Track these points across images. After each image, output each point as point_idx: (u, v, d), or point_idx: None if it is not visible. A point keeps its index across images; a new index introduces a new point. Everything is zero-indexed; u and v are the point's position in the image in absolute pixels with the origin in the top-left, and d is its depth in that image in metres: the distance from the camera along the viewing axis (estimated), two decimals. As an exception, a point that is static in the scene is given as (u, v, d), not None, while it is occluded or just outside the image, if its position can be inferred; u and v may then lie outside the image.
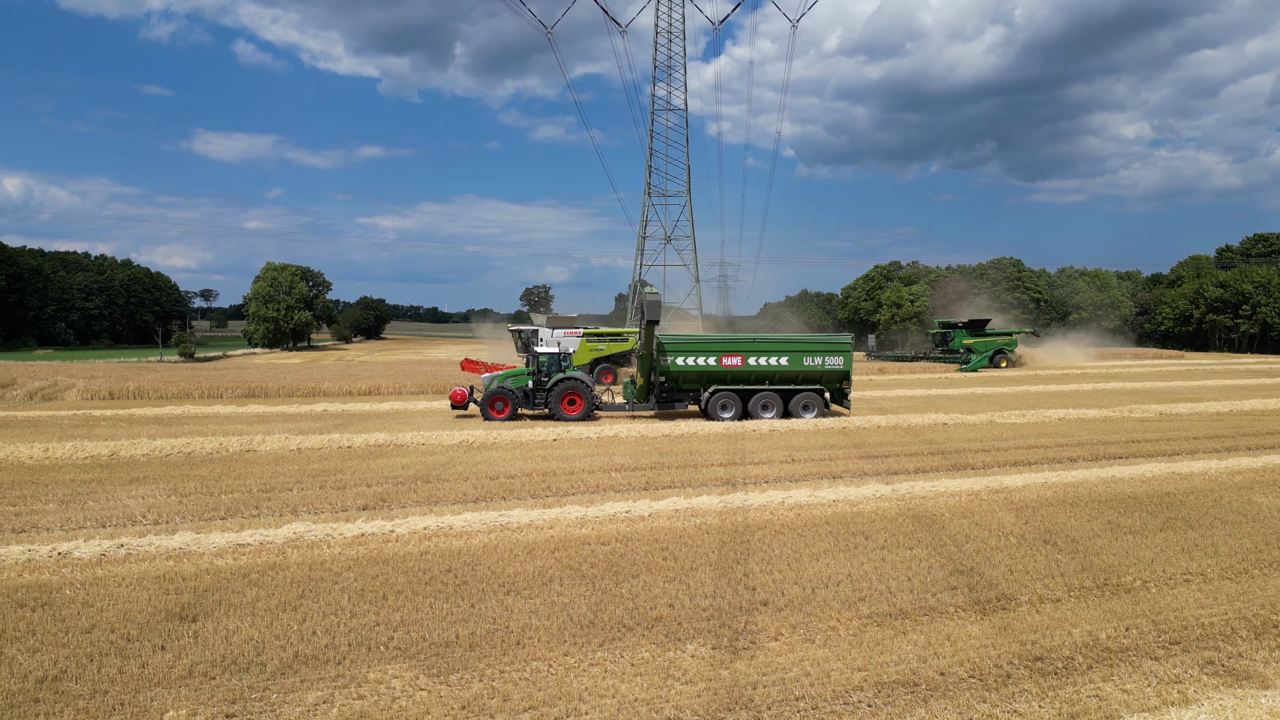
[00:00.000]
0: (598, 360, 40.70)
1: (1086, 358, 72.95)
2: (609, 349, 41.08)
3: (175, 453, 18.38)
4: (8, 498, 13.99)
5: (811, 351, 26.32)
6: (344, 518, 13.11)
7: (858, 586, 10.15)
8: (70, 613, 8.81)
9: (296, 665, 7.75)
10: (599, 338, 41.17)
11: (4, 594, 9.30)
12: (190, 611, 8.94)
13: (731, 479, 16.68)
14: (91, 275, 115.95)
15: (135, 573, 10.13)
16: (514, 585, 9.96)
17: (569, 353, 26.84)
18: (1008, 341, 57.29)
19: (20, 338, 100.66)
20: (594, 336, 41.07)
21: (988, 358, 55.27)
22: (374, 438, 20.56)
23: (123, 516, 12.95)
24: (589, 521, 12.87)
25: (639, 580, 10.22)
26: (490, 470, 17.09)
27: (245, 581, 9.90)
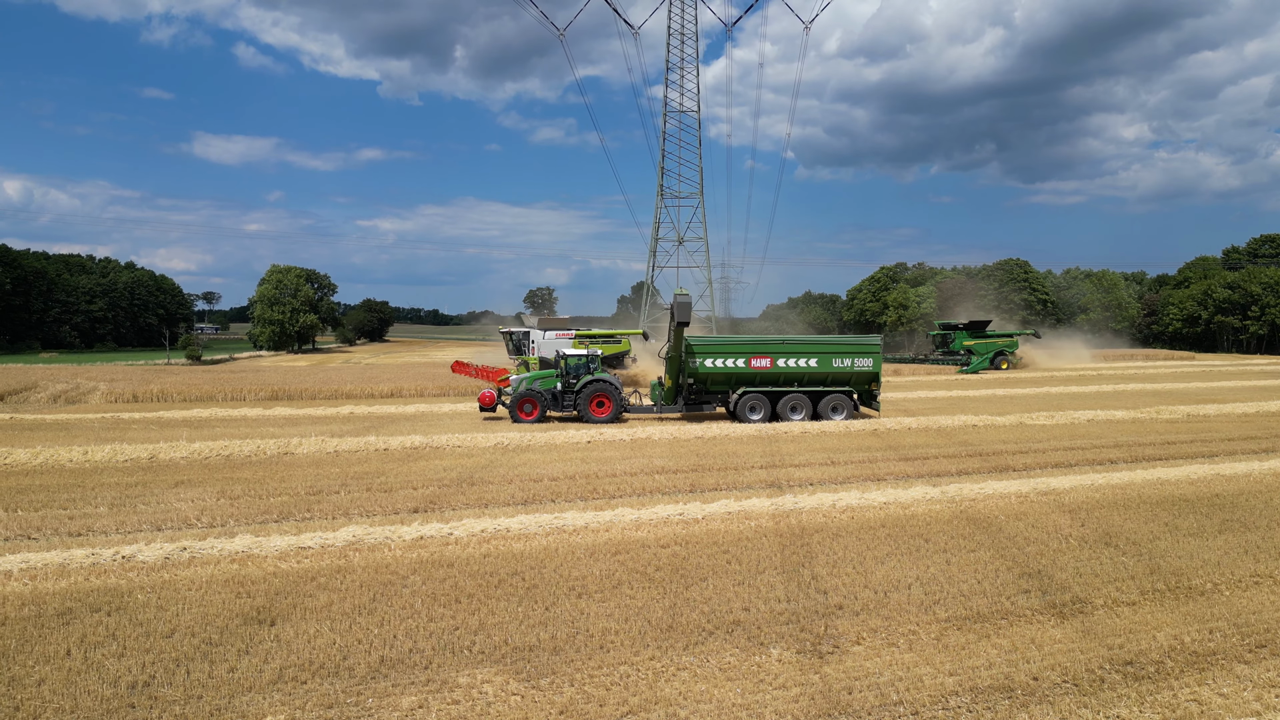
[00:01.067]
0: None
1: (1091, 359, 72.77)
2: (602, 351, 40.63)
3: (214, 455, 18.34)
4: (57, 500, 13.95)
5: (841, 353, 26.23)
6: (398, 520, 13.06)
7: (929, 590, 10.06)
8: (147, 617, 8.75)
9: (384, 669, 7.69)
10: (592, 340, 40.55)
11: (76, 598, 9.24)
12: (266, 615, 8.88)
13: (775, 481, 16.60)
14: (95, 278, 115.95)
15: (203, 576, 10.07)
16: (583, 588, 9.89)
17: (598, 354, 26.76)
18: (1008, 343, 57.06)
19: (24, 340, 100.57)
20: (586, 339, 40.47)
21: (988, 359, 55.04)
22: (409, 440, 20.50)
23: (177, 519, 12.91)
24: (643, 524, 12.80)
25: (708, 584, 10.14)
26: (532, 473, 17.02)
27: (314, 585, 9.84)
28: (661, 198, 65.79)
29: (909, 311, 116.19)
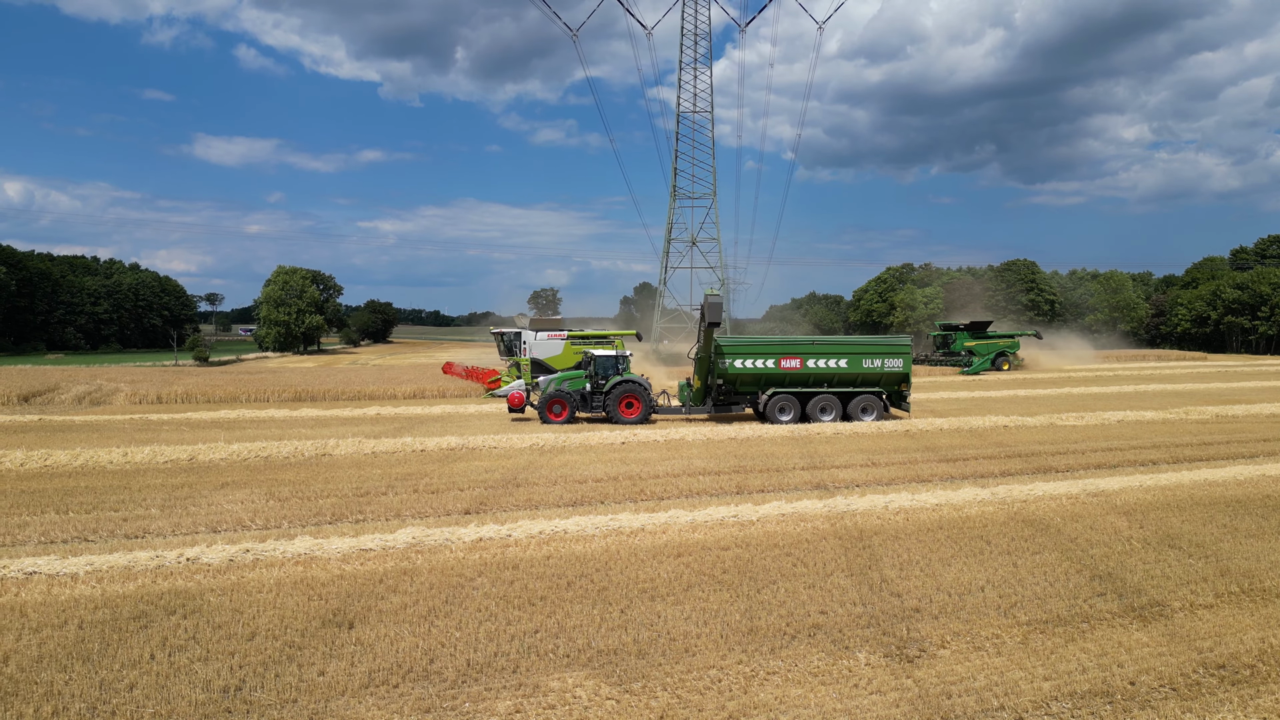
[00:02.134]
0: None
1: (1095, 359, 72.49)
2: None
3: (253, 457, 18.28)
4: (107, 502, 13.89)
5: (871, 354, 26.12)
6: (452, 522, 12.98)
7: (1002, 593, 9.95)
8: (224, 620, 8.68)
9: (473, 673, 7.61)
10: (584, 341, 40.09)
11: (148, 601, 9.17)
12: (342, 618, 8.80)
13: (821, 483, 16.50)
14: (100, 279, 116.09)
15: (270, 578, 10.00)
16: (654, 591, 9.79)
17: (627, 355, 26.67)
18: (1010, 344, 56.80)
19: (29, 341, 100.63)
20: (579, 340, 40.05)
21: (989, 360, 54.78)
22: (445, 441, 20.43)
23: (231, 521, 12.85)
24: (699, 526, 12.70)
25: (778, 587, 10.04)
26: (574, 474, 16.94)
27: (384, 587, 9.76)
28: (674, 199, 65.77)
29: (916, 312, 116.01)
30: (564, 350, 39.60)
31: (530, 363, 38.41)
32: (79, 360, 75.18)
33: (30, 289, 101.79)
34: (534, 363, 38.78)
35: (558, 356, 39.37)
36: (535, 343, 39.10)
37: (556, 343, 39.59)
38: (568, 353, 39.63)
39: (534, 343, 39.08)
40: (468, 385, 36.28)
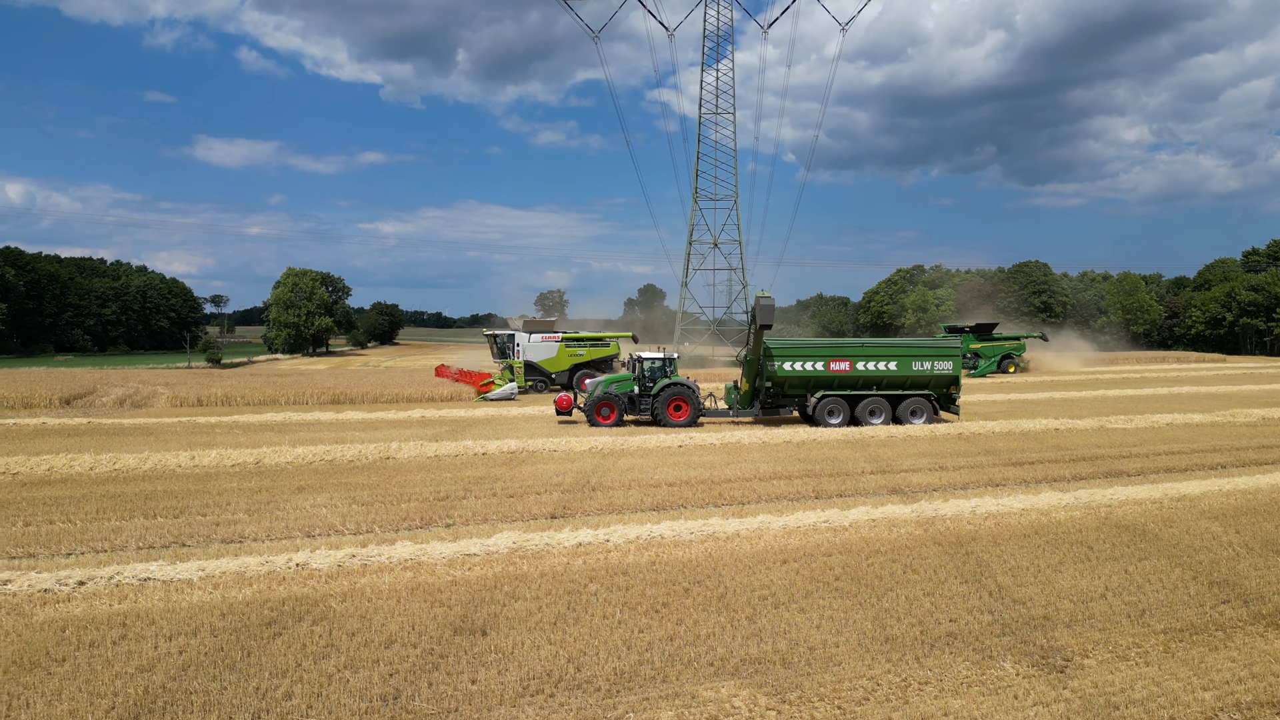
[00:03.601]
0: (577, 366, 39.33)
1: (1108, 362, 72.14)
2: (589, 354, 39.72)
3: (317, 460, 18.23)
4: (192, 506, 13.84)
5: (920, 356, 25.96)
6: (542, 527, 12.88)
7: (1126, 600, 9.82)
8: (355, 626, 8.59)
9: (624, 682, 7.50)
10: (579, 343, 39.86)
11: (271, 607, 9.10)
12: (472, 625, 8.71)
13: (896, 487, 16.37)
14: (108, 281, 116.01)
15: (384, 584, 9.91)
16: (775, 599, 9.68)
17: (674, 357, 26.57)
18: (1016, 346, 56.41)
19: (38, 344, 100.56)
20: (574, 342, 39.74)
21: (995, 363, 54.44)
22: (504, 444, 20.35)
23: (324, 526, 12.78)
24: (793, 531, 12.58)
25: (897, 594, 9.92)
26: (645, 478, 16.84)
27: (501, 593, 9.66)
28: (696, 201, 65.55)
29: (928, 314, 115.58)
30: (558, 352, 39.17)
31: (524, 365, 37.96)
32: (88, 362, 74.91)
33: (39, 291, 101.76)
34: (527, 365, 38.33)
35: (552, 359, 38.94)
36: (529, 345, 38.65)
37: (550, 345, 39.11)
38: (562, 355, 39.22)
39: (527, 345, 38.62)
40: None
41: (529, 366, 38.53)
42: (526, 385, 37.59)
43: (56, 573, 9.96)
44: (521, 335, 39.16)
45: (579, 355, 39.57)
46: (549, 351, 39.11)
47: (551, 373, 39.15)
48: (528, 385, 37.78)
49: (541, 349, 39.04)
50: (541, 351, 39.02)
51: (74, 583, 9.61)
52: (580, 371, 39.25)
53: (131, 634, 8.29)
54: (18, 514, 13.16)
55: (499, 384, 35.17)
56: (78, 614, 8.85)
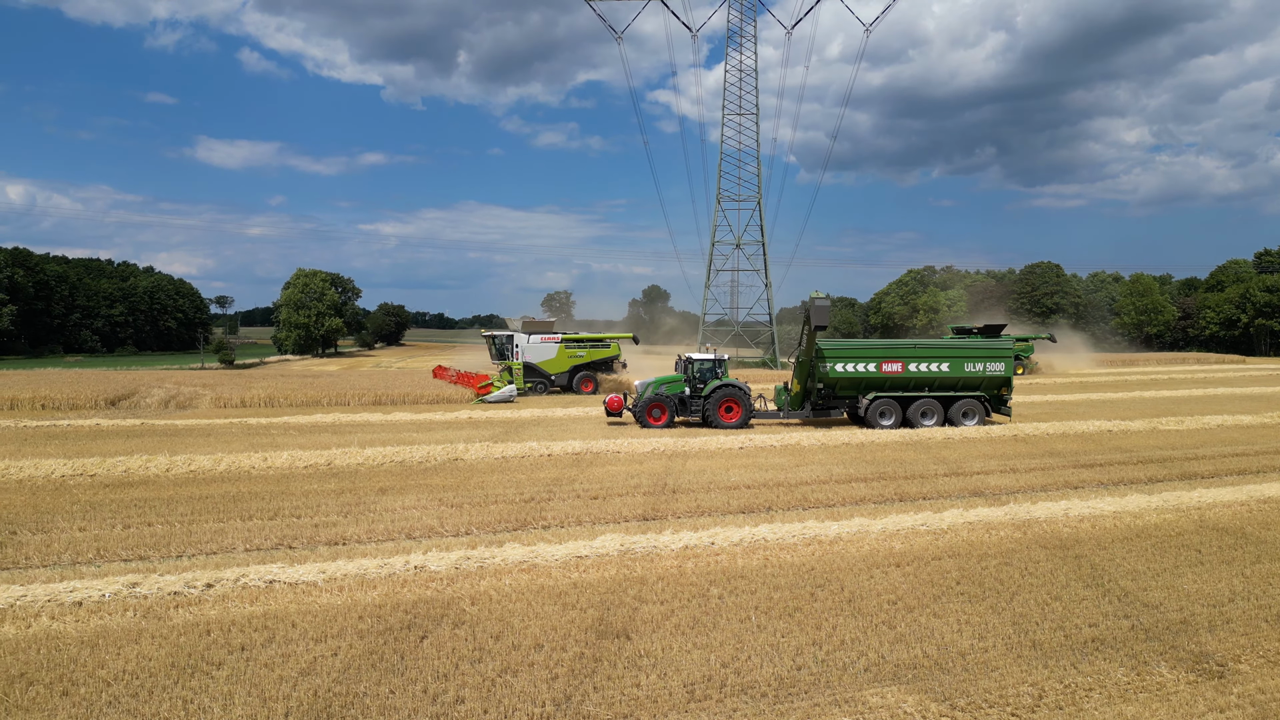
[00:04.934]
0: (577, 368, 38.88)
1: (1123, 363, 71.86)
2: (589, 356, 39.22)
3: (388, 461, 18.21)
4: (284, 508, 13.81)
5: (973, 357, 25.84)
6: (641, 529, 12.82)
7: (1258, 604, 9.71)
8: (497, 629, 8.54)
9: (787, 688, 7.43)
10: (579, 344, 39.29)
11: (404, 609, 9.05)
12: (611, 628, 8.65)
13: (976, 489, 16.28)
14: (115, 282, 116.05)
15: (507, 586, 9.86)
16: (903, 603, 9.59)
17: (724, 359, 26.49)
18: (1024, 348, 56.02)
19: (46, 344, 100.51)
20: (573, 343, 39.20)
21: None
22: (568, 445, 20.31)
23: (422, 528, 12.75)
24: (893, 535, 12.49)
25: (1024, 598, 9.83)
26: (721, 480, 16.77)
27: (630, 596, 9.61)
28: (719, 201, 65.47)
29: (940, 315, 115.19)
30: (558, 353, 38.63)
31: (523, 366, 37.42)
32: (99, 363, 74.63)
33: (47, 292, 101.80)
34: (527, 366, 37.77)
35: (551, 360, 38.44)
36: (528, 346, 38.12)
37: (550, 346, 38.57)
38: (562, 356, 38.69)
39: (526, 346, 38.09)
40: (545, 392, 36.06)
41: (528, 368, 37.88)
42: (526, 387, 36.87)
43: (180, 575, 9.94)
44: (520, 336, 38.56)
45: (579, 356, 39.03)
46: (549, 353, 38.54)
47: (551, 374, 38.52)
48: (527, 387, 37.04)
49: (541, 350, 38.45)
50: (541, 353, 38.45)
51: (201, 585, 9.58)
52: (580, 373, 38.77)
53: (278, 637, 8.26)
54: (112, 516, 13.15)
55: (498, 386, 34.43)
56: (214, 617, 8.83)
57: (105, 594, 9.22)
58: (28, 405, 29.84)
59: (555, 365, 38.67)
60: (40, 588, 9.42)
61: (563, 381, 38.76)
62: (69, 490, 14.95)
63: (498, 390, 34.12)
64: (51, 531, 12.16)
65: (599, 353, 39.52)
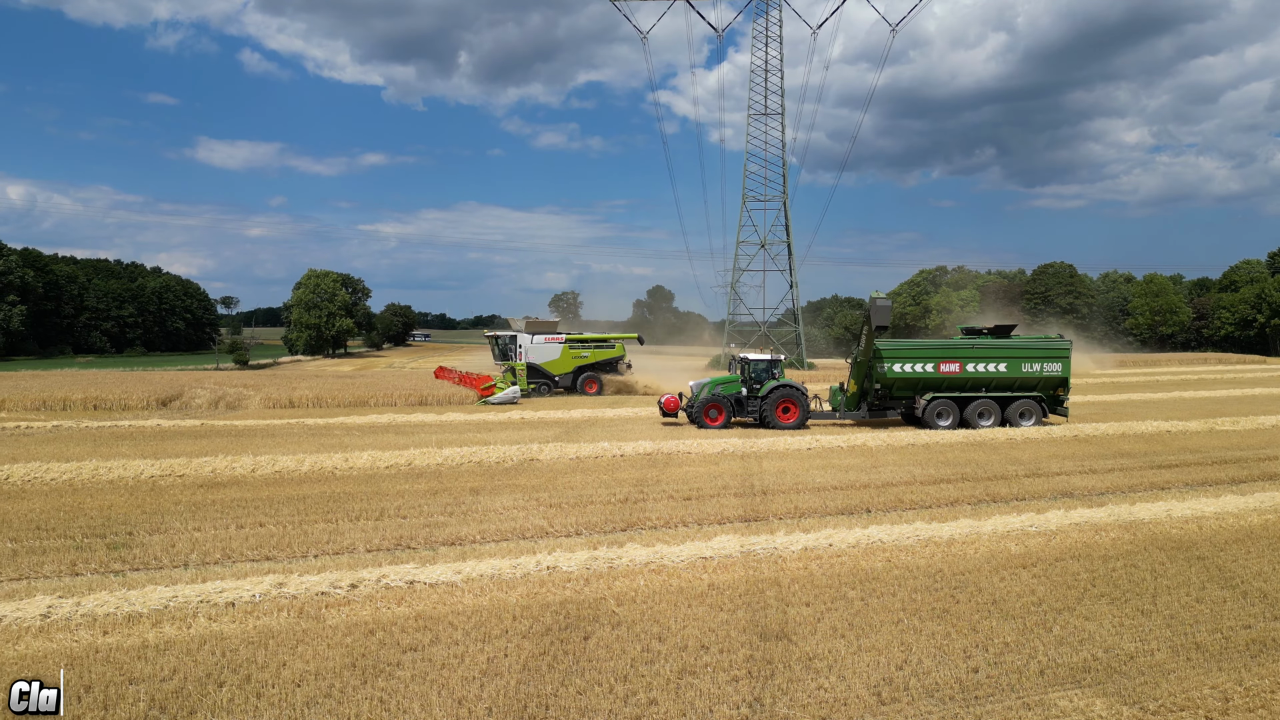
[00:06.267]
0: (581, 368, 38.54)
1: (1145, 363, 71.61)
2: (593, 356, 38.90)
3: (466, 462, 18.24)
4: (386, 509, 13.82)
5: (1030, 357, 25.78)
6: (750, 530, 12.80)
7: (1404, 607, 9.66)
8: (654, 630, 8.52)
9: (970, 691, 7.40)
10: (583, 344, 38.93)
11: (552, 609, 9.05)
12: (768, 630, 8.63)
13: (1064, 490, 16.23)
14: (124, 283, 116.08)
15: (641, 586, 9.84)
16: (1046, 604, 9.53)
17: (780, 359, 26.45)
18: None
19: (55, 345, 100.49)
20: (577, 343, 38.81)
21: None
22: (639, 446, 20.32)
23: (533, 529, 12.76)
24: (1006, 536, 12.43)
25: (1166, 599, 9.77)
26: (805, 481, 16.74)
27: (770, 598, 9.58)
28: (744, 201, 65.43)
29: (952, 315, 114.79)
30: (562, 354, 38.26)
31: (526, 367, 37.06)
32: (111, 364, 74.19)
33: (57, 292, 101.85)
34: (530, 367, 37.39)
35: (555, 360, 38.09)
36: (531, 346, 37.75)
37: (554, 346, 38.22)
38: (565, 356, 38.33)
39: (530, 346, 37.73)
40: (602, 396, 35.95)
41: (532, 369, 37.48)
42: (529, 388, 36.54)
43: (320, 575, 9.96)
44: (524, 336, 38.15)
45: (583, 357, 38.69)
46: (552, 353, 38.19)
47: (555, 375, 38.20)
48: (530, 389, 36.67)
49: (545, 350, 38.09)
50: (545, 353, 38.10)
51: (346, 585, 9.60)
52: (584, 374, 38.44)
53: (442, 638, 8.26)
54: (220, 516, 13.19)
55: (501, 387, 34.09)
56: (367, 617, 8.84)
57: (255, 594, 9.23)
58: (79, 406, 29.98)
59: (559, 366, 38.25)
60: (186, 588, 9.45)
61: (566, 383, 38.35)
62: (164, 491, 15.00)
63: (501, 391, 33.69)
64: (167, 532, 12.20)
65: (603, 353, 39.17)
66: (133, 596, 9.15)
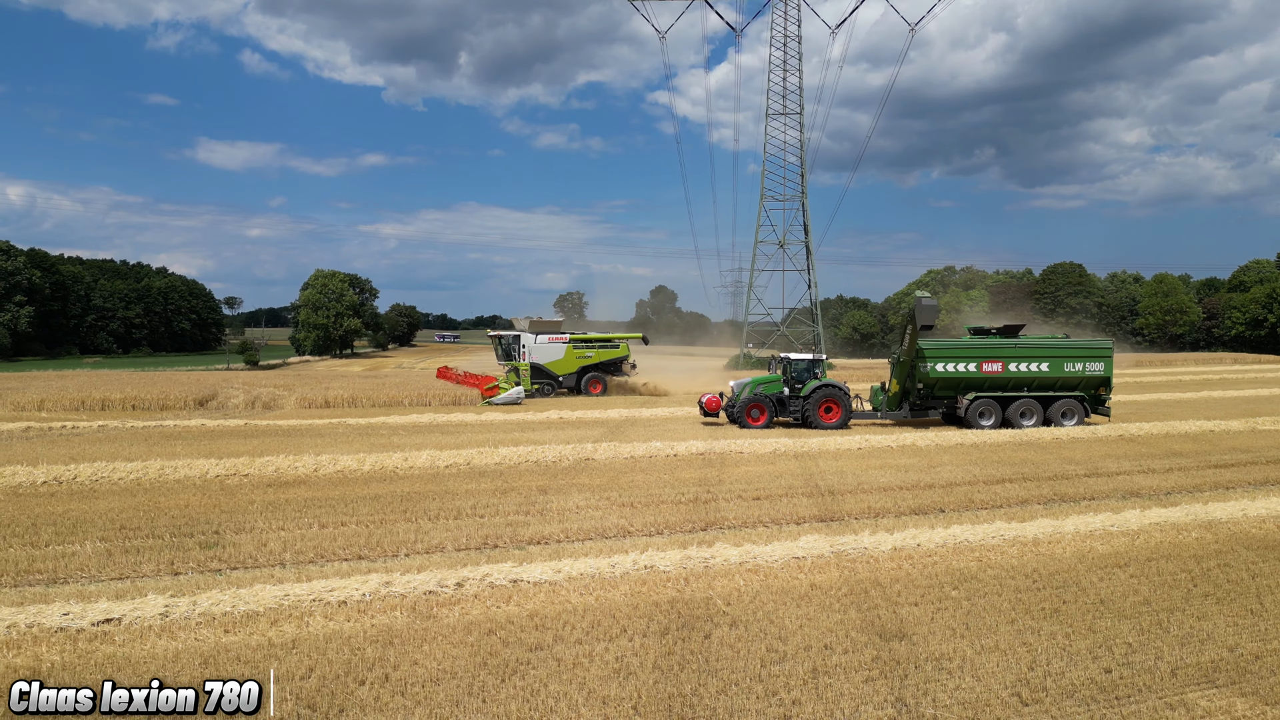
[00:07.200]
0: (585, 369, 38.33)
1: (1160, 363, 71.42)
2: (597, 356, 38.63)
3: (523, 461, 18.24)
4: (461, 508, 13.82)
5: (1072, 357, 25.71)
6: (832, 530, 12.78)
7: None
8: (771, 630, 8.50)
9: (1107, 692, 7.37)
10: (587, 344, 38.65)
11: (661, 608, 9.04)
12: (885, 629, 8.61)
13: (1130, 490, 16.19)
14: (130, 283, 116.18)
15: (740, 586, 9.83)
16: (1156, 604, 9.49)
17: (822, 359, 26.43)
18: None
19: (62, 346, 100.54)
20: (581, 343, 38.56)
21: None
22: (690, 446, 20.30)
23: (615, 528, 12.75)
24: (1090, 536, 12.37)
25: (1274, 598, 9.74)
26: (869, 481, 16.71)
27: (877, 598, 9.56)
28: (762, 200, 65.40)
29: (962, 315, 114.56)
30: (566, 354, 38.03)
31: (530, 367, 36.86)
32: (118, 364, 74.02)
33: (63, 293, 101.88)
34: (534, 367, 37.18)
35: (559, 360, 37.90)
36: (535, 346, 37.50)
37: (558, 346, 38.00)
38: (570, 356, 38.09)
39: (533, 346, 37.48)
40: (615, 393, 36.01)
41: (535, 369, 37.27)
42: (533, 389, 36.40)
43: (422, 574, 9.96)
44: (527, 336, 37.91)
45: (587, 357, 38.47)
46: (556, 353, 37.96)
47: (559, 375, 38.03)
48: (534, 389, 36.53)
49: (548, 350, 37.86)
50: (548, 353, 37.87)
51: (452, 584, 9.61)
52: (588, 374, 38.29)
53: (564, 637, 8.26)
54: (299, 515, 13.20)
55: (504, 388, 33.90)
56: (479, 616, 8.84)
57: (365, 593, 9.24)
58: (118, 406, 30.07)
59: (563, 366, 38.03)
60: (296, 587, 9.46)
61: (570, 383, 38.17)
62: (233, 490, 15.03)
63: (505, 392, 33.50)
64: (253, 531, 12.21)
65: (608, 353, 38.91)
66: (245, 595, 9.16)
